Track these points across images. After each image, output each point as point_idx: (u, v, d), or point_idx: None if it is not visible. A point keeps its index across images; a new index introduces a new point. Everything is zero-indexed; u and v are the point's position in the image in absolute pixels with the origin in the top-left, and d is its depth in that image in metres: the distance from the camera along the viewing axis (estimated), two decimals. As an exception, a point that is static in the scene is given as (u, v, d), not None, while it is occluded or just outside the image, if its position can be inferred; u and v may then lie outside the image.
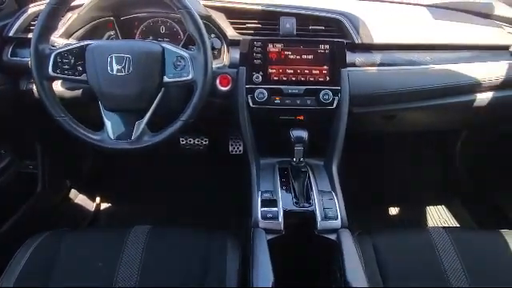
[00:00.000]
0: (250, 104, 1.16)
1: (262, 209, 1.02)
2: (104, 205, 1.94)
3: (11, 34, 1.20)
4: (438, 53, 1.25)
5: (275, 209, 1.02)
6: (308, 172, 1.14)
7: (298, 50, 1.16)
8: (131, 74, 0.98)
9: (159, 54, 0.99)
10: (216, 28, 1.21)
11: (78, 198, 1.84)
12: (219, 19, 1.22)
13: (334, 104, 1.16)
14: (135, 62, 0.98)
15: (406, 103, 1.25)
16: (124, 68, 0.97)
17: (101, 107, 1.03)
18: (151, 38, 1.28)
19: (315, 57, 1.16)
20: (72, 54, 0.99)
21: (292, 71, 1.16)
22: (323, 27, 1.23)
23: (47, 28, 0.98)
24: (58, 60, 0.98)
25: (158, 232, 1.08)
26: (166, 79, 1.00)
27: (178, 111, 1.02)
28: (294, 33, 1.21)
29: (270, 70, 1.16)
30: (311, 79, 1.16)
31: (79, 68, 0.99)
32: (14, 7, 1.28)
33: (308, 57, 1.16)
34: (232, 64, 1.19)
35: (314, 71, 1.16)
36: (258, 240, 0.94)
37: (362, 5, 1.40)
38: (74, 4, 1.13)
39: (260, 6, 1.24)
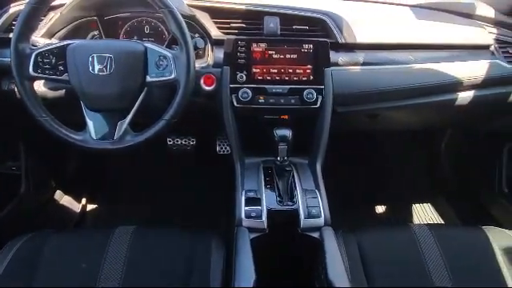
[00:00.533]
0: (235, 103, 1.16)
1: (246, 208, 1.02)
2: (90, 206, 1.93)
3: None
4: (421, 52, 1.26)
5: (259, 207, 1.02)
6: (292, 171, 1.15)
7: (282, 50, 1.16)
8: (113, 74, 0.97)
9: (141, 53, 0.99)
10: (200, 28, 1.20)
11: (64, 199, 1.82)
12: (203, 19, 1.22)
13: (318, 103, 1.16)
14: (117, 62, 0.97)
15: (389, 102, 1.26)
16: (106, 68, 0.97)
17: (83, 107, 1.02)
18: (136, 37, 1.27)
19: (299, 56, 1.16)
20: (53, 53, 0.98)
21: (276, 71, 1.16)
22: (307, 27, 1.24)
23: (27, 28, 0.97)
24: (39, 60, 0.97)
25: (143, 232, 1.08)
26: (148, 79, 1.00)
27: (161, 111, 1.02)
28: (278, 32, 1.22)
29: (254, 70, 1.16)
30: (295, 78, 1.16)
31: (60, 68, 0.99)
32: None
33: (292, 56, 1.16)
34: (216, 64, 1.19)
35: (297, 70, 1.16)
36: (241, 239, 0.94)
37: (346, 5, 1.40)
38: (55, 3, 1.12)
39: (244, 6, 1.24)
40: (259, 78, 1.16)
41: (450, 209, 1.92)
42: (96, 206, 1.94)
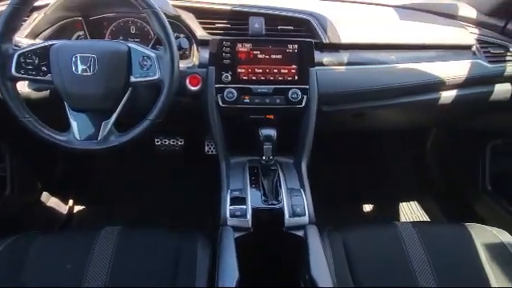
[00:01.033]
0: (220, 103, 1.16)
1: (231, 207, 1.03)
2: (77, 207, 1.91)
3: None
4: (404, 52, 1.28)
5: (244, 206, 1.03)
6: (278, 170, 1.15)
7: (267, 50, 1.17)
8: (97, 74, 0.97)
9: (125, 53, 0.99)
10: (185, 28, 1.21)
11: (50, 200, 1.81)
12: (189, 19, 1.22)
13: (303, 103, 1.17)
14: (100, 62, 0.97)
15: (373, 101, 1.28)
16: (89, 68, 0.96)
17: (67, 107, 1.02)
18: (121, 38, 1.27)
19: (284, 56, 1.17)
20: (36, 54, 0.98)
21: (261, 71, 1.17)
22: (292, 27, 1.25)
23: (9, 28, 0.96)
24: (22, 60, 0.97)
25: (128, 233, 1.08)
26: (132, 79, 1.00)
27: (146, 111, 1.02)
28: (263, 33, 1.22)
29: (239, 70, 1.16)
30: (280, 78, 1.17)
31: (43, 68, 0.98)
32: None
33: (277, 56, 1.17)
34: (202, 64, 1.19)
35: (282, 70, 1.17)
36: (225, 238, 0.95)
37: (331, 5, 1.41)
38: (39, 4, 1.11)
39: (229, 7, 1.24)
40: (244, 78, 1.17)
41: (436, 207, 1.95)
42: (83, 207, 1.93)
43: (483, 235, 1.09)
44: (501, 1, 1.35)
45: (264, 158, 1.12)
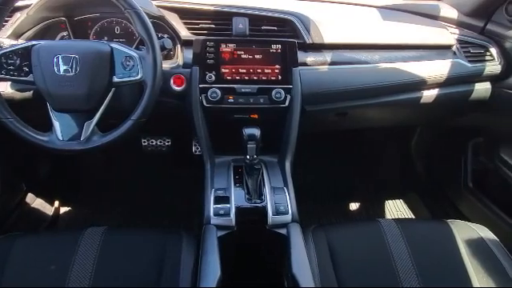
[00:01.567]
0: (204, 103, 1.17)
1: (215, 206, 1.04)
2: (63, 208, 1.90)
3: None
4: (386, 52, 1.29)
5: (227, 205, 1.04)
6: (262, 169, 1.16)
7: (251, 50, 1.18)
8: (79, 75, 0.97)
9: (107, 53, 0.99)
10: (169, 28, 1.21)
11: (36, 201, 1.79)
12: (172, 20, 1.22)
13: (287, 102, 1.18)
14: (83, 62, 0.97)
15: (356, 100, 1.29)
16: (71, 68, 0.96)
17: (49, 108, 1.01)
18: (106, 38, 1.27)
19: (267, 56, 1.18)
20: (17, 54, 0.97)
21: (245, 71, 1.18)
22: (275, 27, 1.26)
23: None
24: (3, 61, 0.96)
25: (113, 233, 1.08)
26: (115, 79, 1.00)
27: (130, 111, 1.02)
28: (247, 33, 1.23)
29: (223, 70, 1.17)
30: (263, 78, 1.18)
31: (25, 69, 0.98)
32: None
33: (260, 56, 1.18)
34: (186, 64, 1.19)
35: (266, 70, 1.18)
36: (208, 236, 0.95)
37: (314, 6, 1.43)
38: (21, 4, 1.11)
39: (213, 7, 1.25)
40: (228, 77, 1.17)
41: (421, 205, 1.97)
42: (69, 208, 1.91)
43: (464, 232, 1.11)
44: (481, 2, 1.38)
45: (248, 157, 1.13)
